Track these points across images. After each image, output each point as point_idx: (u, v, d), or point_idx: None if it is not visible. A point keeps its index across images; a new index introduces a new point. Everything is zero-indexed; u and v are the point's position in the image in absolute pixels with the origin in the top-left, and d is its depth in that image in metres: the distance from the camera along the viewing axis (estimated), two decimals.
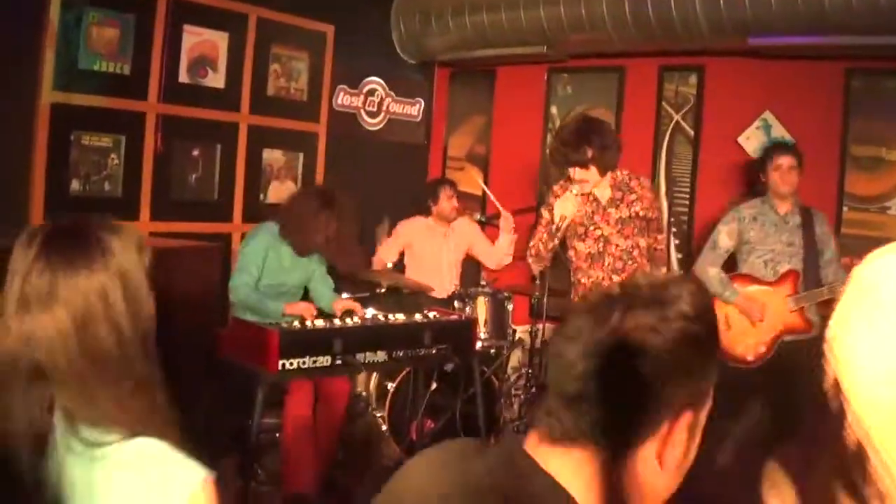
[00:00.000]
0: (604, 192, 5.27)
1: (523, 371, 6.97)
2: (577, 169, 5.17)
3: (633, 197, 5.28)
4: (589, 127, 5.30)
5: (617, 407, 1.34)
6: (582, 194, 5.26)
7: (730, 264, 5.88)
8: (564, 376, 1.38)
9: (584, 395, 1.35)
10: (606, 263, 5.28)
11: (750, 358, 5.71)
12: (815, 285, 5.57)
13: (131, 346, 1.87)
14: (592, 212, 5.30)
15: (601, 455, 1.37)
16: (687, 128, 7.26)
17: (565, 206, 5.21)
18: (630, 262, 5.23)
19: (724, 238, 5.81)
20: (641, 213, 5.27)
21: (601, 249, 5.29)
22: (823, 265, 5.62)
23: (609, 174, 5.25)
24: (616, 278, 5.18)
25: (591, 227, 5.29)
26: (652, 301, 1.38)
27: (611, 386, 1.34)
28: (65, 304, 1.83)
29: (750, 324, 5.69)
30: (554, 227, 5.30)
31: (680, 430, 1.37)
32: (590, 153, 5.10)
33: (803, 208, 5.69)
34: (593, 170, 5.15)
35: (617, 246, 5.26)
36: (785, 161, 5.61)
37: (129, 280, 1.90)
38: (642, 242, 5.30)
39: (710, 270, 5.77)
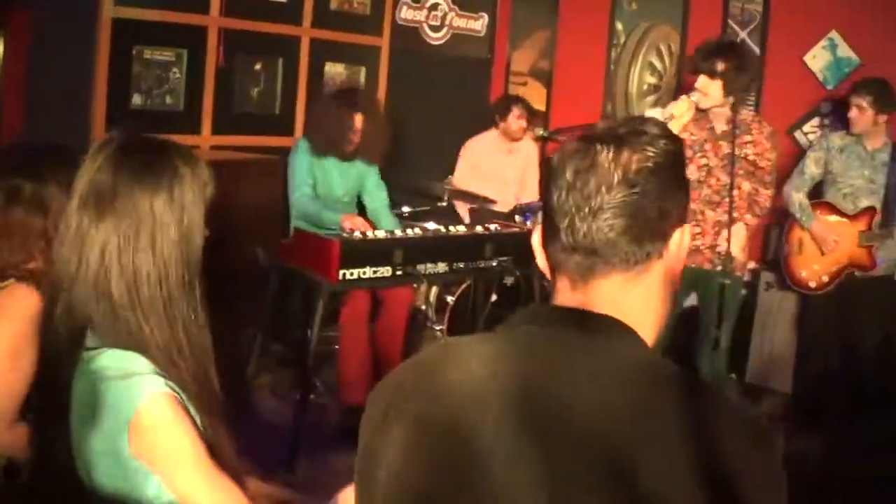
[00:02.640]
0: (720, 124, 5.09)
1: None
2: (703, 76, 4.99)
3: (748, 139, 5.06)
4: (731, 45, 5.26)
5: (640, 226, 1.40)
6: (699, 118, 5.06)
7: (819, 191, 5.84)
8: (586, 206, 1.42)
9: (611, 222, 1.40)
10: (703, 195, 5.07)
11: (812, 285, 5.76)
12: (891, 225, 5.51)
13: (172, 279, 1.83)
14: (705, 139, 5.10)
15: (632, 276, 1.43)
16: (753, 46, 7.08)
17: (677, 106, 4.96)
18: (726, 199, 4.94)
19: (811, 165, 5.74)
20: (751, 158, 5.07)
21: (702, 178, 5.06)
22: None
23: (732, 105, 4.99)
24: (710, 213, 5.03)
25: (699, 154, 5.09)
26: (631, 132, 1.43)
27: (635, 208, 1.39)
28: (118, 217, 1.80)
29: (819, 252, 5.68)
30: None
31: (680, 245, 1.45)
32: (720, 66, 4.88)
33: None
34: (717, 85, 4.90)
35: (718, 180, 5.03)
36: (854, 100, 5.51)
37: (188, 214, 1.86)
38: (745, 186, 5.07)
39: (793, 195, 5.73)
